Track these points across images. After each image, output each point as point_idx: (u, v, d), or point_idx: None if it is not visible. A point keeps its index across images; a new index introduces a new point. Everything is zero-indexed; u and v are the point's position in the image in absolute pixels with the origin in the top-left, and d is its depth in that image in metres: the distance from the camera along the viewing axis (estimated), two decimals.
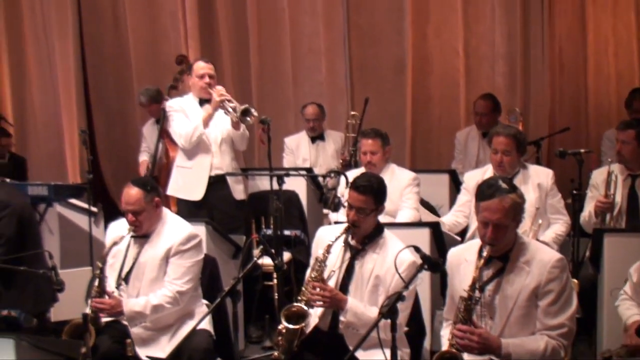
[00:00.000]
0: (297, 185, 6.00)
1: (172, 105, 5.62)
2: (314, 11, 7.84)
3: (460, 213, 5.11)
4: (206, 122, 5.44)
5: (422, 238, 4.64)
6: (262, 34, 8.01)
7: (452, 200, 5.73)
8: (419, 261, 3.37)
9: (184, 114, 5.52)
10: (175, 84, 6.60)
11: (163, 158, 6.37)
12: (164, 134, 6.25)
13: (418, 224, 5.01)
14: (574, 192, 4.98)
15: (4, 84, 8.83)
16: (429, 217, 5.33)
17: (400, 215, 5.22)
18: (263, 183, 5.97)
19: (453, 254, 3.59)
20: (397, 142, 5.50)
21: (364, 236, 3.87)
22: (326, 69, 7.87)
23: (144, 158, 7.02)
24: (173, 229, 4.14)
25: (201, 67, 5.54)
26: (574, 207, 5.03)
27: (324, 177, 5.77)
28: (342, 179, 5.20)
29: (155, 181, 4.65)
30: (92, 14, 8.49)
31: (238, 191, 5.62)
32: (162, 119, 6.22)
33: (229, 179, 5.56)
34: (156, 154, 6.35)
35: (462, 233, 5.09)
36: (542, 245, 3.57)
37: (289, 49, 7.94)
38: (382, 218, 4.09)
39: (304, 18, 7.90)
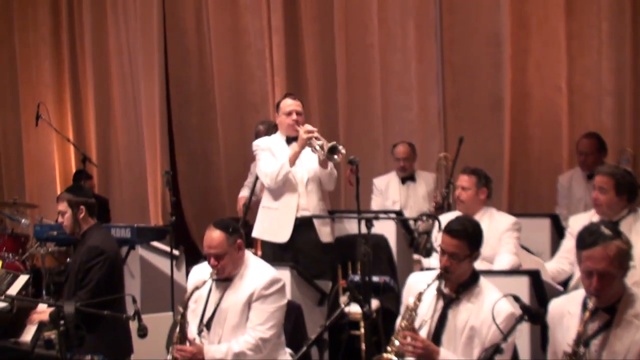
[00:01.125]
0: (386, 228, 5.96)
1: (259, 144, 5.69)
2: (405, 47, 7.84)
3: (565, 260, 4.98)
4: (292, 161, 5.46)
5: (521, 287, 4.54)
6: (350, 71, 8.08)
7: (553, 247, 5.60)
8: (518, 312, 3.31)
9: (271, 152, 5.58)
10: None
11: (260, 195, 6.47)
12: None
13: (516, 272, 4.92)
14: None
15: (89, 125, 9.24)
16: (530, 260, 5.21)
17: (498, 261, 5.11)
18: (351, 226, 5.98)
19: (555, 305, 3.52)
20: (493, 184, 5.42)
21: (458, 284, 3.83)
22: (418, 106, 7.84)
23: (244, 193, 7.10)
24: (256, 272, 4.19)
25: (288, 104, 5.63)
26: None
27: (415, 220, 5.73)
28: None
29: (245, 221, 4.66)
30: (178, 54, 8.77)
31: (325, 234, 5.63)
32: None
33: (316, 221, 5.58)
34: (252, 192, 6.44)
35: (565, 282, 4.96)
36: None
37: (378, 86, 7.97)
38: (480, 264, 4.03)
39: (394, 54, 7.91)
